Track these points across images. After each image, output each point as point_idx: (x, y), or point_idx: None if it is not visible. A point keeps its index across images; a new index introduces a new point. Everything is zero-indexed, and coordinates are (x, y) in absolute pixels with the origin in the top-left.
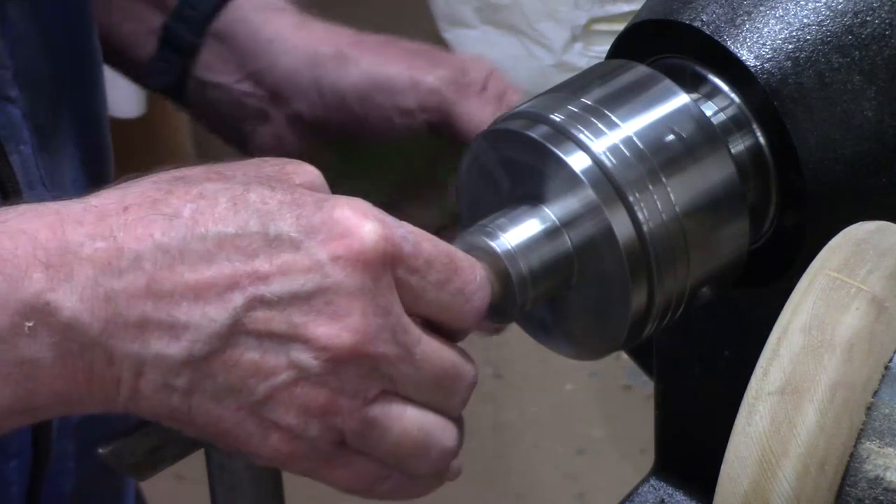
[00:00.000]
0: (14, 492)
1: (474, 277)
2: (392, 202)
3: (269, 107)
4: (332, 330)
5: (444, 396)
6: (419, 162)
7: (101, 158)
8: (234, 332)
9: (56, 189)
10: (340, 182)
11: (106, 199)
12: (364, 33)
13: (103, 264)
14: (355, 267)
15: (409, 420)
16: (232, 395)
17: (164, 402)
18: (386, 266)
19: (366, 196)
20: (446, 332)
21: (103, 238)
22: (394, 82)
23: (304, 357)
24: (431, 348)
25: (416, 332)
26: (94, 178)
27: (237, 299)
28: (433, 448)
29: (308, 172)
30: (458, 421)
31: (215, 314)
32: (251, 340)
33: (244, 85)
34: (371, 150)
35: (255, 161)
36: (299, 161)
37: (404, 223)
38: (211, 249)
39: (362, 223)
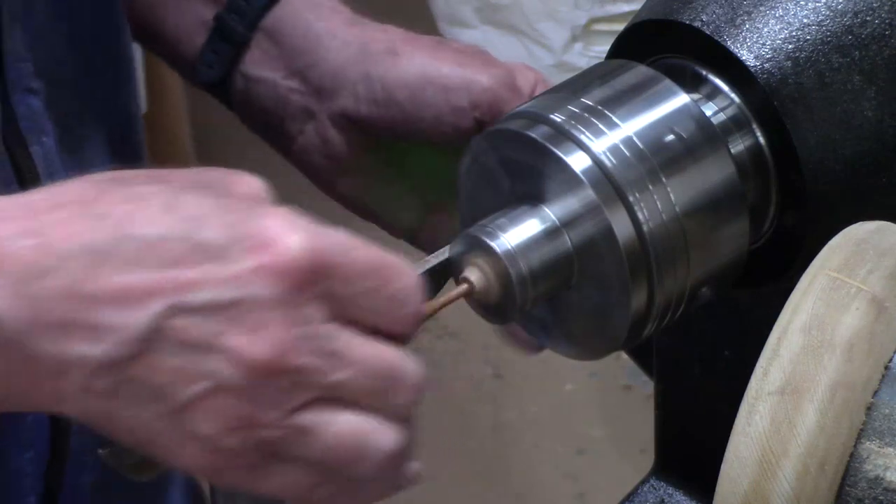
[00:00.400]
0: (27, 483)
1: (407, 282)
2: (434, 206)
3: (314, 103)
4: (250, 341)
5: (385, 399)
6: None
7: (133, 154)
8: (155, 337)
9: None
10: (385, 185)
11: (38, 197)
12: (416, 33)
13: (29, 262)
14: (278, 278)
15: (342, 425)
16: (151, 401)
17: (85, 404)
18: (311, 277)
19: (408, 199)
20: (387, 338)
21: (32, 235)
22: (446, 79)
23: (223, 367)
24: (365, 353)
25: (345, 338)
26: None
27: (159, 305)
28: (371, 451)
29: (249, 183)
30: (405, 422)
31: (137, 318)
32: (172, 347)
33: (290, 81)
34: (417, 153)
35: (198, 169)
36: (243, 172)
37: (335, 232)
38: (137, 253)
39: (288, 234)
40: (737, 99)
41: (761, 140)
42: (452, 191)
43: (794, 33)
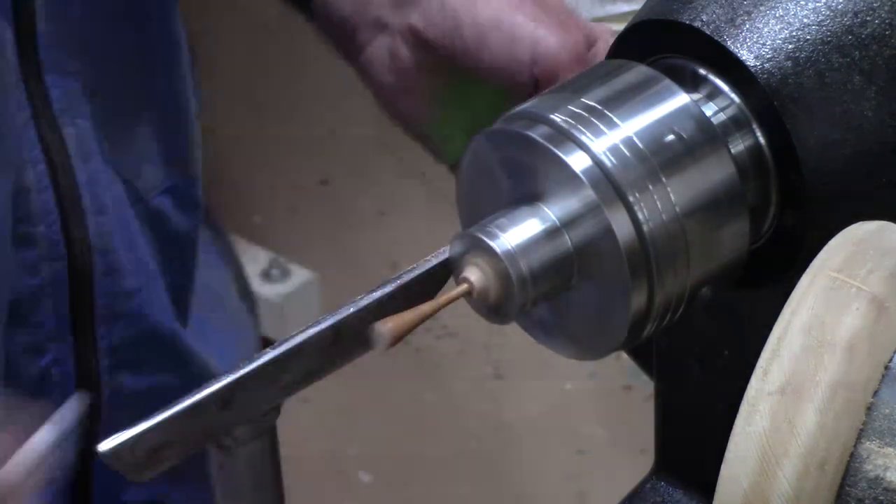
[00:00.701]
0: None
1: None
2: None
3: (389, 15)
4: None
5: None
6: None
7: (181, 134)
8: None
9: (121, 162)
10: (440, 112)
11: None
12: None
13: None
14: None
15: None
16: None
17: None
18: None
19: (460, 130)
20: None
21: None
22: (516, 29)
23: None
24: None
25: None
26: (171, 153)
27: None
28: None
29: None
30: None
31: None
32: None
33: None
34: (477, 87)
35: None
36: None
37: None
38: None
39: None
40: (737, 99)
41: (761, 140)
42: None
43: (794, 33)
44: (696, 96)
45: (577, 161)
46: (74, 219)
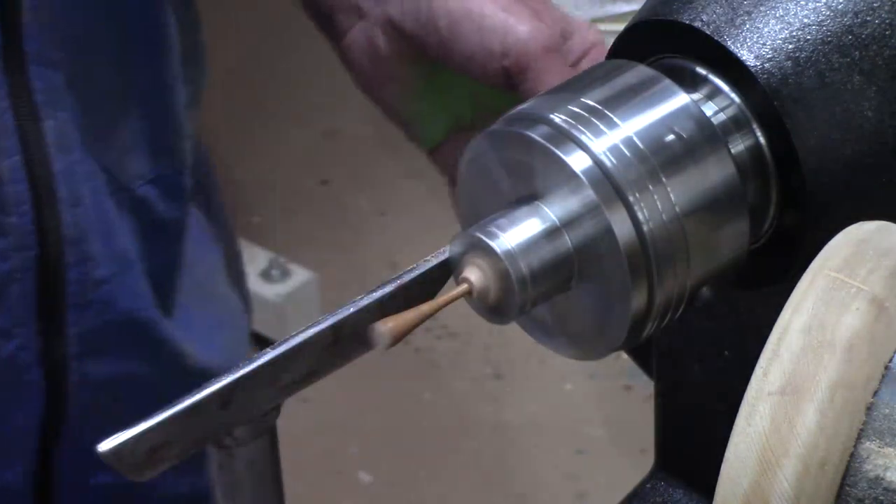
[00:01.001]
0: (23, 435)
1: None
2: (458, 127)
3: (367, 3)
4: None
5: None
6: (487, 109)
7: (167, 126)
8: None
9: (103, 154)
10: (418, 98)
11: None
12: None
13: None
14: None
15: None
16: None
17: None
18: None
19: (437, 116)
20: None
21: None
22: (485, 19)
23: None
24: None
25: None
26: (157, 144)
27: None
28: None
29: None
30: None
31: None
32: None
33: None
34: (453, 76)
35: None
36: None
37: None
38: None
39: None
40: (737, 99)
41: (761, 140)
42: (481, 115)
43: (794, 33)
44: (696, 96)
45: (577, 161)
46: (48, 210)
